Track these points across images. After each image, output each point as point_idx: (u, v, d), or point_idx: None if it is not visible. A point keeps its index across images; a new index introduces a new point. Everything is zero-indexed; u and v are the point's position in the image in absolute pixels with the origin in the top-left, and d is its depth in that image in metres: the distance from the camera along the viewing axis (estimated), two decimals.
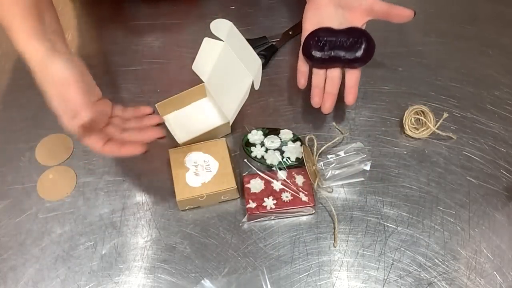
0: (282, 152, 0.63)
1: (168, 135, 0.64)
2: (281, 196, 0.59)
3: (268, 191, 0.60)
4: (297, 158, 0.62)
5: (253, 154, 0.63)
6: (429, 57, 0.75)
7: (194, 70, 0.69)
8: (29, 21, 0.53)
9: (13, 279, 0.56)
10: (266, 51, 0.74)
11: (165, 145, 0.64)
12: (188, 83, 0.67)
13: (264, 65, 0.62)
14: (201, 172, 0.60)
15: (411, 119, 0.66)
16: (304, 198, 0.58)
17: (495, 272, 0.56)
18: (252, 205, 0.58)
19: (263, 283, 0.55)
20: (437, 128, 0.65)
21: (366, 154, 0.61)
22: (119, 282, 0.56)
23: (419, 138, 0.66)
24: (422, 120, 0.65)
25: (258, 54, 0.59)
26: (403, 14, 0.61)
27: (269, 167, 0.62)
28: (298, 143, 0.64)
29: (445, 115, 0.66)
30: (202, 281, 0.55)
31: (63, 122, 0.52)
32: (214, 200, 0.60)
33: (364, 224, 0.59)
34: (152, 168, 0.63)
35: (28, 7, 0.54)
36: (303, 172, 0.61)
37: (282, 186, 0.60)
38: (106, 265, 0.57)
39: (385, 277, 0.56)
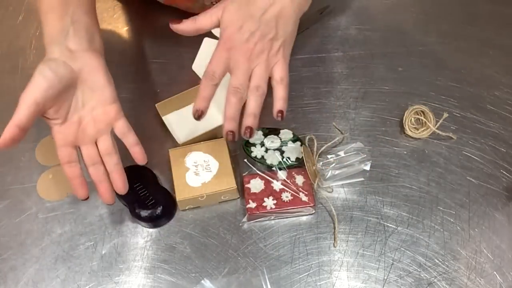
0: (282, 152, 0.63)
1: (168, 135, 0.64)
2: (281, 196, 0.59)
3: (268, 191, 0.60)
4: (297, 158, 0.62)
5: (253, 154, 0.63)
6: (429, 57, 0.75)
7: (194, 70, 0.69)
8: (52, 22, 0.53)
9: (13, 279, 0.56)
10: None
11: (165, 145, 0.64)
12: (188, 83, 0.67)
13: None
14: (201, 172, 0.60)
15: (411, 119, 0.66)
16: (304, 198, 0.58)
17: (495, 272, 0.56)
18: (252, 205, 0.58)
19: (263, 283, 0.55)
20: (437, 128, 0.65)
21: (366, 154, 0.61)
22: (119, 282, 0.56)
23: (419, 138, 0.66)
24: (422, 120, 0.65)
25: None
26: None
27: (269, 167, 0.62)
28: (298, 143, 0.64)
29: (445, 115, 0.66)
30: (202, 281, 0.55)
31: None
32: (214, 200, 0.60)
33: (364, 224, 0.59)
34: (152, 168, 0.63)
35: (53, 5, 0.54)
36: (303, 172, 0.61)
37: (282, 186, 0.60)
38: (106, 265, 0.57)
39: (385, 277, 0.56)
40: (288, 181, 0.60)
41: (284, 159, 0.62)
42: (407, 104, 0.68)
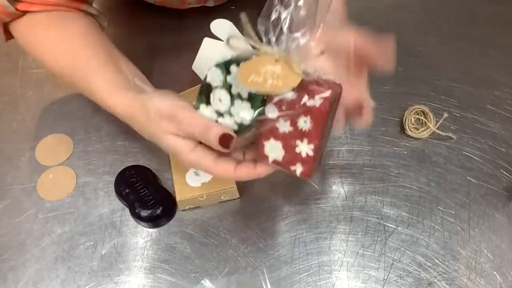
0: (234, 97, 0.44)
1: None
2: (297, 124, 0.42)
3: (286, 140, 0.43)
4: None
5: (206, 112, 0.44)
6: (429, 57, 0.75)
7: (194, 70, 0.69)
8: (109, 74, 0.53)
9: (13, 279, 0.56)
10: None
11: None
12: (188, 83, 0.67)
13: None
14: (201, 172, 0.60)
15: (411, 119, 0.66)
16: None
17: (495, 272, 0.56)
18: (299, 168, 0.44)
19: (263, 283, 0.55)
20: (437, 128, 0.65)
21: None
22: (119, 282, 0.56)
23: (419, 138, 0.66)
24: (422, 120, 0.65)
25: None
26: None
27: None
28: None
29: (445, 115, 0.66)
30: (202, 281, 0.55)
31: (184, 155, 0.46)
32: (214, 200, 0.60)
33: (364, 224, 0.59)
34: (152, 168, 0.63)
35: (103, 62, 0.54)
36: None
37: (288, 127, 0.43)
38: (106, 265, 0.57)
39: (385, 277, 0.56)
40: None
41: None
42: (407, 104, 0.68)
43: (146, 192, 0.59)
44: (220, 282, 0.55)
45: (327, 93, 0.40)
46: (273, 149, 0.44)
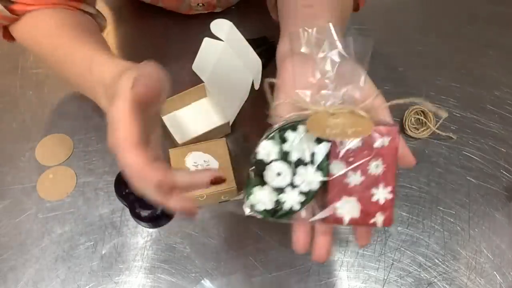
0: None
1: (168, 135, 0.64)
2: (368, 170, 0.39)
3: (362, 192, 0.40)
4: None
5: (286, 206, 0.40)
6: (429, 57, 0.75)
7: (194, 70, 0.69)
8: (105, 53, 0.49)
9: (13, 279, 0.56)
10: (266, 51, 0.74)
11: (165, 145, 0.64)
12: (188, 83, 0.67)
13: (264, 65, 0.62)
14: None
15: (411, 119, 0.66)
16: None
17: (495, 272, 0.56)
18: (380, 218, 0.40)
19: (263, 283, 0.55)
20: (437, 128, 0.65)
21: None
22: (119, 282, 0.56)
23: (419, 138, 0.66)
24: (422, 120, 0.65)
25: (258, 54, 0.59)
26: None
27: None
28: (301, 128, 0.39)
29: (445, 115, 0.66)
30: (202, 281, 0.55)
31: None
32: (214, 200, 0.60)
33: None
34: None
35: (100, 47, 0.51)
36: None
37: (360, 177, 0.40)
38: (106, 265, 0.57)
39: (385, 277, 0.56)
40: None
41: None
42: (407, 104, 0.68)
43: None
44: (220, 282, 0.55)
45: (394, 130, 0.39)
46: (348, 208, 0.39)
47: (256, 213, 0.40)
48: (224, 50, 0.62)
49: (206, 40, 0.67)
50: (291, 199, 0.39)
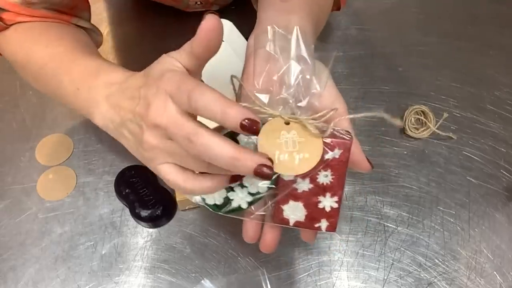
0: None
1: None
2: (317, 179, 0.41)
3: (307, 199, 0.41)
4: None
5: (234, 204, 0.41)
6: (429, 57, 0.75)
7: None
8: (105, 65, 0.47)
9: (13, 279, 0.56)
10: None
11: None
12: None
13: None
14: None
15: (411, 119, 0.66)
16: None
17: (495, 272, 0.56)
18: (324, 223, 0.42)
19: (263, 283, 0.55)
20: (437, 128, 0.65)
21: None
22: (119, 282, 0.56)
23: (419, 138, 0.66)
24: (422, 120, 0.65)
25: None
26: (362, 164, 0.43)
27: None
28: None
29: (445, 115, 0.66)
30: (202, 281, 0.55)
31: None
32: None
33: (364, 224, 0.59)
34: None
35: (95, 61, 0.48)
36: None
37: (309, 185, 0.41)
38: (106, 265, 0.57)
39: (385, 277, 0.56)
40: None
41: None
42: (407, 104, 0.68)
43: (146, 192, 0.59)
44: (220, 282, 0.55)
45: (346, 143, 0.39)
46: (294, 211, 0.41)
47: (206, 206, 0.41)
48: (224, 50, 0.62)
49: None
50: (239, 198, 0.40)
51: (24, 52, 0.53)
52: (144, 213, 0.58)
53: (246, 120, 0.32)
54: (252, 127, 0.32)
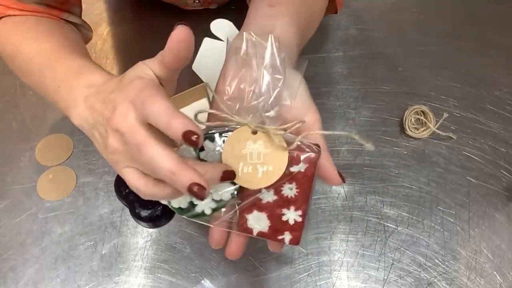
0: None
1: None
2: (282, 192, 0.41)
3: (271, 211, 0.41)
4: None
5: (198, 209, 0.41)
6: (429, 57, 0.75)
7: (194, 70, 0.69)
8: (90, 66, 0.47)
9: (13, 279, 0.56)
10: None
11: None
12: (188, 83, 0.67)
13: None
14: None
15: (411, 119, 0.66)
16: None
17: (495, 272, 0.56)
18: (287, 236, 0.41)
19: (263, 283, 0.55)
20: (437, 128, 0.65)
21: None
22: (119, 282, 0.56)
23: (419, 138, 0.66)
24: (422, 120, 0.65)
25: None
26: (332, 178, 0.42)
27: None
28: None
29: (445, 115, 0.66)
30: (202, 281, 0.55)
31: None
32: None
33: (364, 224, 0.59)
34: None
35: (82, 60, 0.48)
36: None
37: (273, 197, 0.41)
38: (106, 265, 0.57)
39: (385, 277, 0.56)
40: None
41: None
42: (407, 104, 0.68)
43: None
44: (220, 282, 0.55)
45: (312, 158, 0.39)
46: (258, 221, 0.41)
47: (172, 208, 0.41)
48: (224, 50, 0.62)
49: (206, 40, 0.67)
50: (203, 204, 0.40)
51: (12, 46, 0.53)
52: (144, 213, 0.58)
53: (188, 133, 0.32)
54: (193, 140, 0.32)
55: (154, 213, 0.58)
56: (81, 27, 0.60)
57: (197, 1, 0.74)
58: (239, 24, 0.67)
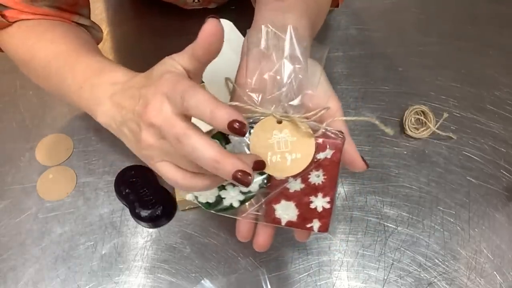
0: None
1: None
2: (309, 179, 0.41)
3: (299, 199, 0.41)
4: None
5: (225, 203, 0.41)
6: (429, 57, 0.75)
7: None
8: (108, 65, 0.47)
9: (13, 279, 0.56)
10: None
11: None
12: None
13: None
14: None
15: (411, 119, 0.66)
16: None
17: (495, 272, 0.56)
18: (316, 224, 0.42)
19: (263, 283, 0.55)
20: (437, 128, 0.65)
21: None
22: (119, 282, 0.56)
23: (419, 138, 0.66)
24: (422, 120, 0.65)
25: None
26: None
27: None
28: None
29: (445, 115, 0.66)
30: (202, 281, 0.55)
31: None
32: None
33: (364, 224, 0.59)
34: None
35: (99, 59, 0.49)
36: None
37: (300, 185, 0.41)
38: (106, 265, 0.57)
39: (385, 277, 0.56)
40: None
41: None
42: (407, 104, 0.68)
43: (146, 192, 0.59)
44: (220, 282, 0.55)
45: (338, 144, 0.39)
46: (286, 211, 0.41)
47: (198, 203, 0.41)
48: (224, 50, 0.62)
49: None
50: (231, 197, 0.40)
51: (27, 49, 0.53)
52: (144, 213, 0.58)
53: (234, 122, 0.32)
54: (239, 129, 0.33)
55: (154, 213, 0.58)
56: (91, 29, 0.61)
57: (197, 1, 0.74)
58: (239, 24, 0.66)
